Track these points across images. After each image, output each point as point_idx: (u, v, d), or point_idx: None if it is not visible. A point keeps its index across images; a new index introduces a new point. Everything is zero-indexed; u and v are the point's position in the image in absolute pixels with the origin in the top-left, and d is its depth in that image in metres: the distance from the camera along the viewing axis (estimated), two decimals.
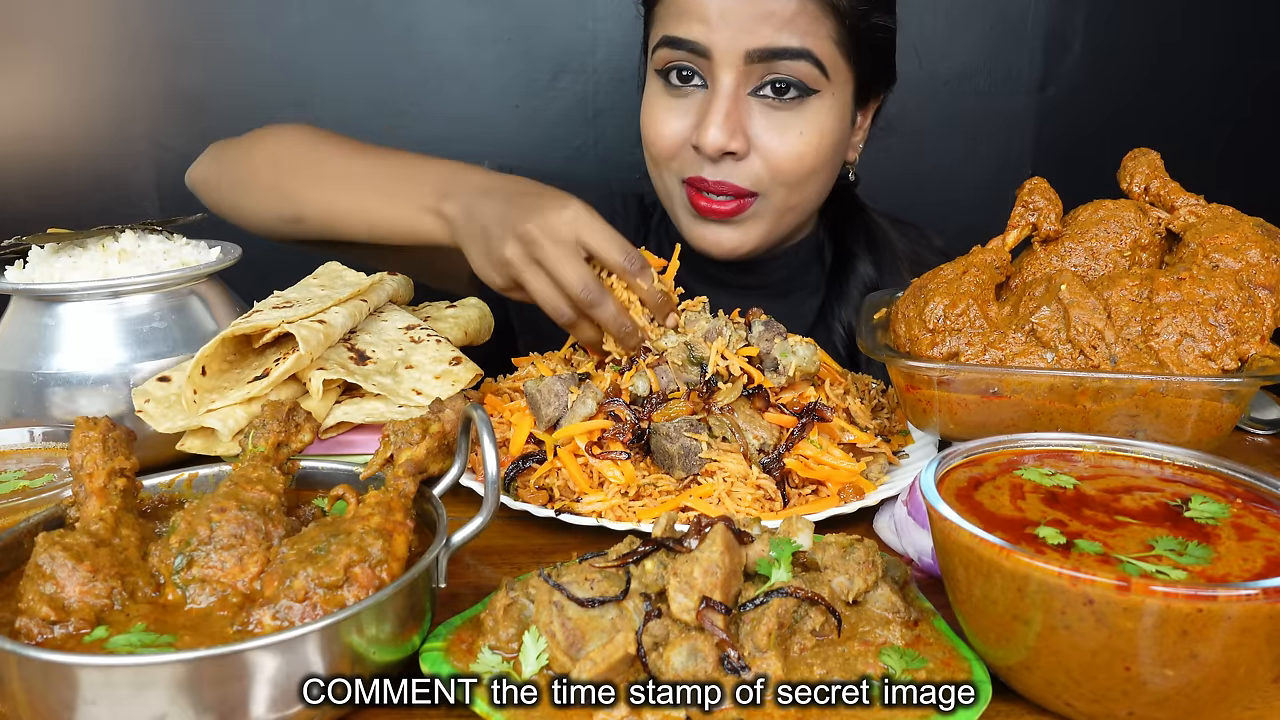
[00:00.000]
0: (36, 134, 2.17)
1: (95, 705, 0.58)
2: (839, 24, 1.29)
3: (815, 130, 1.31)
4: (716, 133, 1.26)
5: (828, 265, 1.56)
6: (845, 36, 1.30)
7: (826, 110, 1.32)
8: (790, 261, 1.52)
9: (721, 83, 1.28)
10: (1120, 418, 0.90)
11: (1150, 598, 0.58)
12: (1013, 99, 2.37)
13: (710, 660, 0.64)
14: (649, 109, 1.37)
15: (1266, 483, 0.74)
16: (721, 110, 1.27)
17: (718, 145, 1.27)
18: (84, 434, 0.78)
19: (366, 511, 0.73)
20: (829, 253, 1.56)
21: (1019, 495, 0.73)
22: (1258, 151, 2.40)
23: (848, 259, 1.53)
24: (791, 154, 1.30)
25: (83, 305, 1.04)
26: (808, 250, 1.54)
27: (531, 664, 0.67)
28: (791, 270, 1.52)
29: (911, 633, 0.72)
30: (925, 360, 0.97)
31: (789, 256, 1.51)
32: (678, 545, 0.71)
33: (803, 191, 1.36)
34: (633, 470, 0.98)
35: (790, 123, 1.30)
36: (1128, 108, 2.37)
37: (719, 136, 1.26)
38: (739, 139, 1.28)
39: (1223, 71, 2.39)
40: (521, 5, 2.18)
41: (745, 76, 1.28)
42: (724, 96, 1.27)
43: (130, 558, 0.71)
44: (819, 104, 1.31)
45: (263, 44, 2.16)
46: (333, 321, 1.09)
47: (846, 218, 1.56)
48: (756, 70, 1.27)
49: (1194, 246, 0.97)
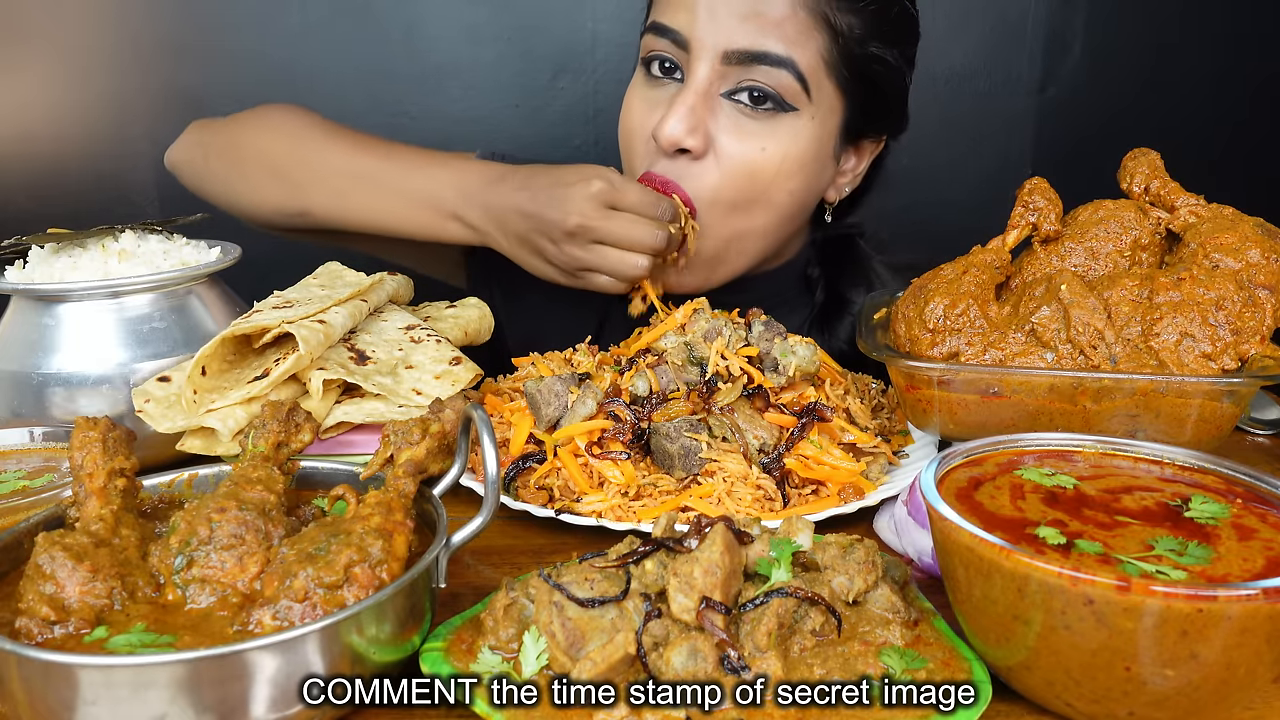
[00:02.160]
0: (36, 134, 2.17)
1: (95, 705, 0.58)
2: (831, 41, 1.20)
3: (780, 149, 1.21)
4: (675, 124, 1.18)
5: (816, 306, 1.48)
6: (837, 58, 1.21)
7: (800, 132, 1.22)
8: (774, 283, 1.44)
9: (695, 76, 1.20)
10: (1120, 418, 0.90)
11: (1150, 598, 0.58)
12: (1013, 100, 2.38)
13: (710, 660, 0.64)
14: (626, 97, 1.32)
15: (1266, 483, 0.74)
16: (686, 104, 1.19)
17: (673, 138, 1.19)
18: (84, 434, 0.78)
19: (366, 511, 0.73)
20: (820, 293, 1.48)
21: (1019, 495, 0.73)
22: (1258, 152, 2.40)
23: (840, 303, 1.45)
24: (746, 166, 1.21)
25: (83, 305, 1.04)
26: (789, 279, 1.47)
27: (531, 664, 0.67)
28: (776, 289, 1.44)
29: (911, 633, 0.72)
30: (925, 360, 0.97)
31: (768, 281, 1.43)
32: (678, 545, 0.71)
33: (747, 216, 1.25)
34: (633, 470, 0.98)
35: (756, 133, 1.21)
36: (1128, 108, 2.37)
37: (676, 129, 1.18)
38: (697, 137, 1.19)
39: (1222, 72, 2.39)
40: (521, 5, 2.19)
41: (721, 76, 1.20)
42: (692, 91, 1.20)
43: (130, 558, 0.71)
44: (794, 123, 1.21)
45: (263, 44, 2.16)
46: (333, 321, 1.09)
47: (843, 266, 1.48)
48: (734, 72, 1.19)
49: (1194, 246, 0.97)
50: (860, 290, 1.45)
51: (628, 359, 1.10)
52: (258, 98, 2.17)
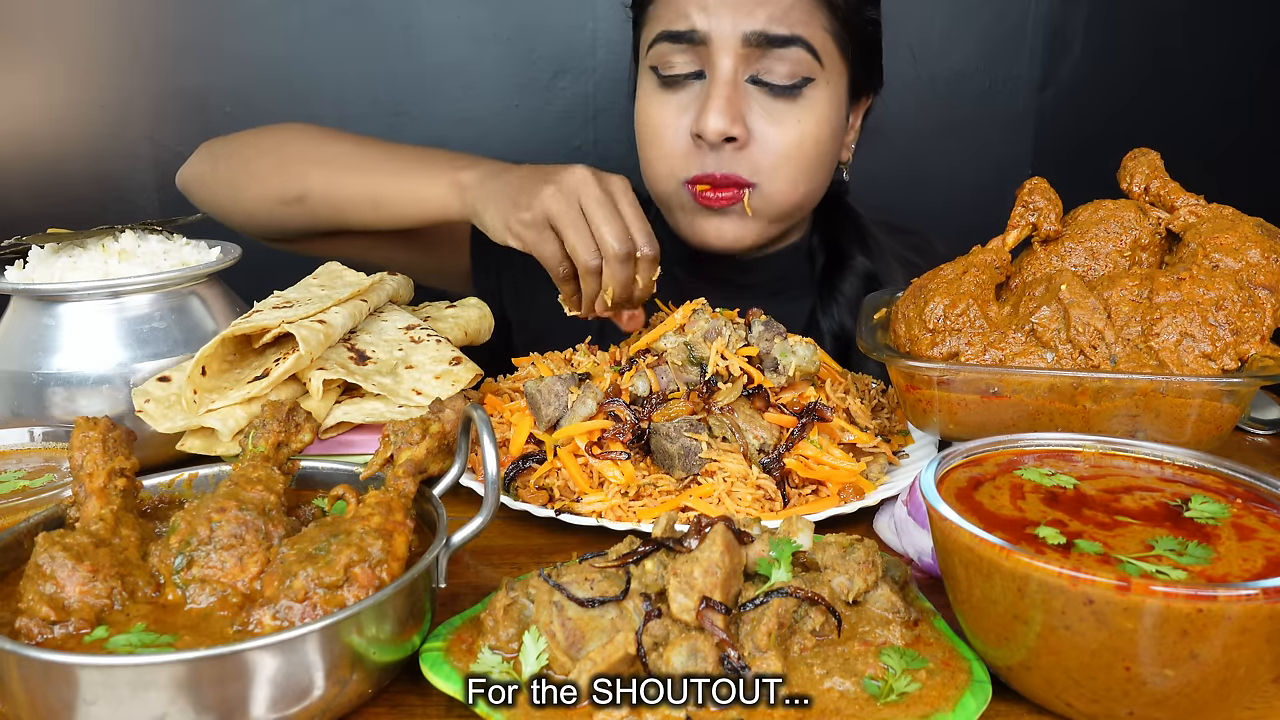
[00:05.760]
0: (36, 134, 2.17)
1: (95, 705, 0.58)
2: (832, 15, 1.31)
3: (813, 118, 1.32)
4: (717, 118, 1.26)
5: (818, 268, 1.54)
6: (839, 28, 1.32)
7: (823, 99, 1.32)
8: (782, 262, 1.51)
9: (720, 68, 1.28)
10: (1120, 418, 0.90)
11: (1150, 598, 0.58)
12: (1013, 100, 2.37)
13: (710, 660, 0.64)
14: (646, 107, 1.36)
15: (1266, 483, 0.74)
16: (722, 95, 1.27)
17: (719, 130, 1.26)
18: (84, 434, 0.78)
19: (366, 511, 0.73)
20: (821, 255, 1.55)
21: (1019, 495, 0.73)
22: (1258, 151, 2.40)
23: (840, 259, 1.52)
24: (790, 143, 1.31)
25: (83, 305, 1.04)
26: (799, 252, 1.53)
27: (531, 664, 0.67)
28: (783, 270, 1.51)
29: (911, 633, 0.72)
30: (925, 360, 0.97)
31: (782, 257, 1.50)
32: (678, 545, 0.71)
33: (799, 185, 1.35)
34: (633, 470, 0.98)
35: (787, 112, 1.30)
36: (1128, 108, 2.37)
37: (719, 122, 1.26)
38: (739, 125, 1.28)
39: (1223, 72, 2.39)
40: (521, 5, 2.19)
41: (744, 61, 1.28)
42: (723, 82, 1.28)
43: (130, 558, 0.71)
44: (815, 93, 1.31)
45: (263, 44, 2.16)
46: (333, 321, 1.09)
47: (839, 223, 1.55)
48: (754, 55, 1.28)
49: (1194, 246, 0.97)
50: (855, 245, 1.52)
51: (628, 359, 1.10)
52: (257, 97, 2.19)
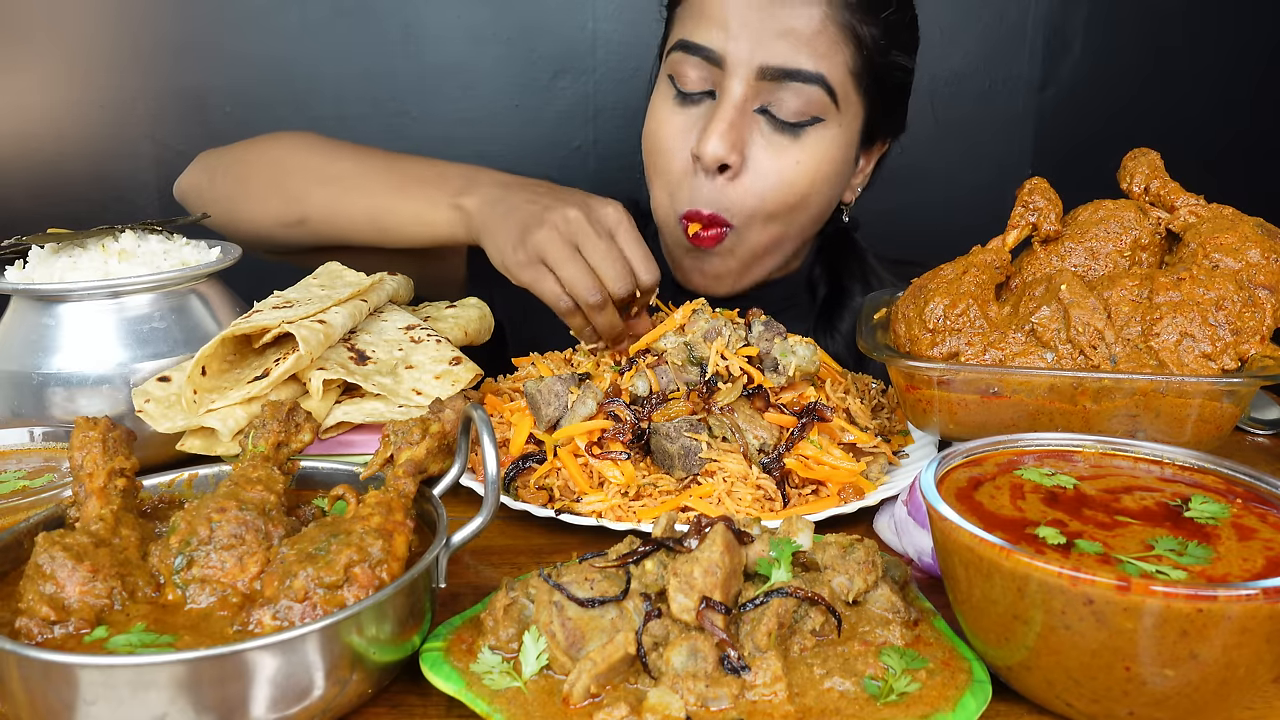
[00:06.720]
0: (36, 134, 2.17)
1: (95, 705, 0.58)
2: (857, 52, 1.26)
3: (813, 159, 1.28)
4: (717, 144, 1.23)
5: (819, 300, 1.52)
6: (862, 67, 1.27)
7: (830, 140, 1.29)
8: (780, 290, 1.48)
9: (730, 93, 1.25)
10: (1120, 418, 0.90)
11: (1150, 598, 0.58)
12: (1013, 100, 2.37)
13: (710, 660, 0.64)
14: (655, 114, 1.34)
15: (1266, 483, 0.74)
16: (726, 120, 1.24)
17: (716, 156, 1.24)
18: (84, 434, 0.78)
19: (366, 511, 0.73)
20: (823, 288, 1.53)
21: (1019, 495, 0.73)
22: (1258, 151, 2.40)
23: (841, 295, 1.50)
24: (783, 181, 1.27)
25: (83, 305, 1.04)
26: (799, 281, 1.51)
27: (531, 664, 0.67)
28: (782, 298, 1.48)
29: (911, 633, 0.72)
30: (925, 360, 0.97)
31: (780, 285, 1.48)
32: (678, 545, 0.71)
33: (786, 223, 1.32)
34: (633, 470, 0.98)
35: (789, 148, 1.27)
36: (1128, 108, 2.37)
37: (719, 148, 1.23)
38: (736, 154, 1.25)
39: (1223, 72, 2.39)
40: (521, 5, 2.19)
41: (755, 91, 1.25)
42: (730, 107, 1.24)
43: (130, 558, 0.71)
44: (823, 133, 1.28)
45: (263, 44, 2.16)
46: (333, 321, 1.09)
47: (843, 257, 1.53)
48: (767, 88, 1.25)
49: (1194, 246, 0.97)
50: (857, 283, 1.50)
51: (628, 359, 1.10)
52: (257, 97, 2.19)
